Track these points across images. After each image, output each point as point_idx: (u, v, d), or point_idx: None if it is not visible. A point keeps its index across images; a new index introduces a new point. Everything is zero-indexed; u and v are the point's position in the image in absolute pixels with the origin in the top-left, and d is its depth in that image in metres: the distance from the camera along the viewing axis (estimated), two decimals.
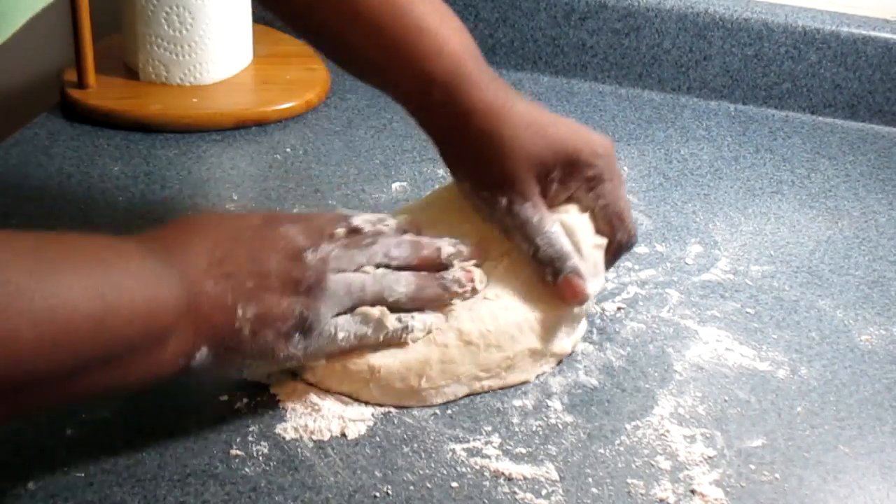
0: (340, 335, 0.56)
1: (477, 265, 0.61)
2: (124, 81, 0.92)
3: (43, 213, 0.73)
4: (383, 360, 0.57)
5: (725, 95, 1.03)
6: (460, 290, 0.60)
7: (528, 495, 0.53)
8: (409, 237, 0.60)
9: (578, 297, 0.61)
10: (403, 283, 0.58)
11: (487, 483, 0.53)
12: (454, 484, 0.53)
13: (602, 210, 0.64)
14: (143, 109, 0.87)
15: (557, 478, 0.54)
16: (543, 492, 0.53)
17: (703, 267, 0.75)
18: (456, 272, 0.60)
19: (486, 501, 0.52)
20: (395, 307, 0.58)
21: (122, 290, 0.48)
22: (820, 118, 1.02)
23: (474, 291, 0.60)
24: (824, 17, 1.00)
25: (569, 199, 0.64)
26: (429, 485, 0.53)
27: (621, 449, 0.57)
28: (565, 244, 0.62)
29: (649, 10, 1.00)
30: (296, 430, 0.56)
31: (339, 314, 0.56)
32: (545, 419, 0.58)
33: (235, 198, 0.77)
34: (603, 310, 0.68)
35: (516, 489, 0.53)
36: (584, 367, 0.63)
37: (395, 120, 0.91)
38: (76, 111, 0.87)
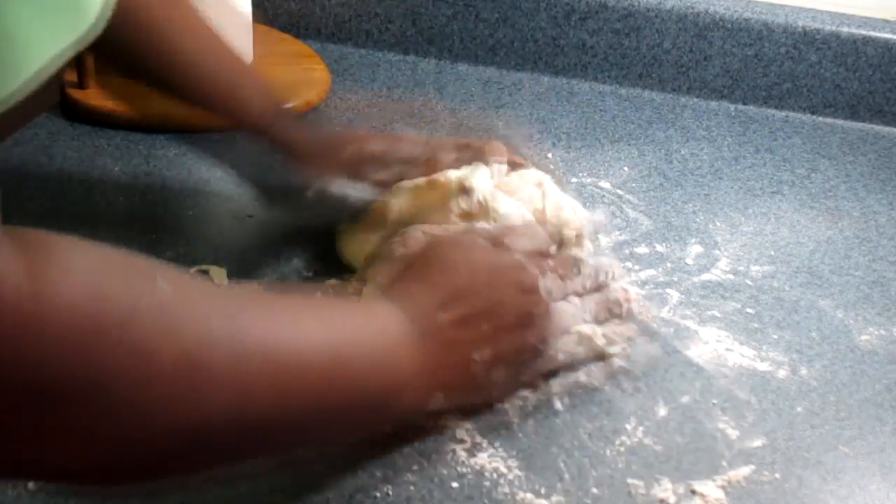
0: (561, 356, 0.60)
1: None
2: (124, 81, 0.91)
3: (43, 213, 0.73)
4: None
5: (726, 96, 1.03)
6: (620, 311, 0.64)
7: (528, 495, 0.53)
8: (590, 269, 0.63)
9: None
10: (590, 311, 0.62)
11: (488, 483, 0.53)
12: (454, 484, 0.53)
13: None
14: (144, 110, 0.87)
15: (557, 478, 0.54)
16: (543, 492, 0.53)
17: (704, 267, 0.75)
18: (618, 293, 0.64)
19: (486, 501, 0.52)
20: None
21: (358, 345, 0.48)
22: (820, 118, 1.02)
23: (629, 311, 0.65)
24: (824, 18, 1.00)
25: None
26: (429, 485, 0.53)
27: (621, 449, 0.57)
28: None
29: (649, 10, 1.00)
30: None
31: None
32: (545, 419, 0.58)
33: (236, 198, 0.77)
34: None
35: (516, 489, 0.53)
36: (585, 367, 0.63)
37: (395, 120, 0.91)
38: (76, 111, 0.87)
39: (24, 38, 0.43)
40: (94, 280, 0.36)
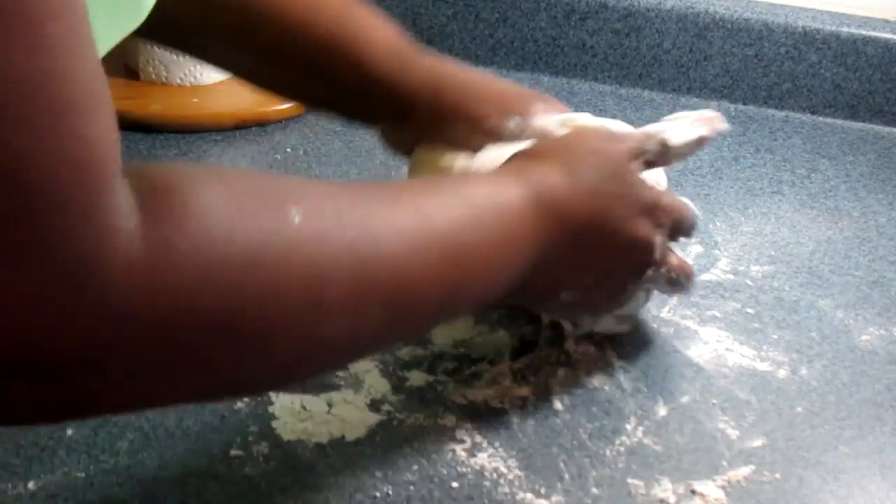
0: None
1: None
2: (124, 81, 0.92)
3: None
4: None
5: (725, 95, 1.03)
6: None
7: (528, 495, 0.53)
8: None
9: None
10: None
11: (488, 483, 0.53)
12: (454, 484, 0.53)
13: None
14: (144, 109, 0.87)
15: (557, 478, 0.54)
16: (543, 491, 0.53)
17: (704, 267, 0.75)
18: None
19: (486, 501, 0.52)
20: None
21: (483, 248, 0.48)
22: (820, 118, 1.02)
23: None
24: (824, 18, 1.00)
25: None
26: (429, 485, 0.53)
27: (621, 449, 0.57)
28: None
29: (649, 10, 1.00)
30: (295, 430, 0.56)
31: None
32: (545, 419, 0.58)
33: None
34: None
35: (516, 489, 0.53)
36: (584, 367, 0.63)
37: None
38: None
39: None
40: (222, 219, 0.36)
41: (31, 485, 0.51)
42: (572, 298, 0.57)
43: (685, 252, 0.76)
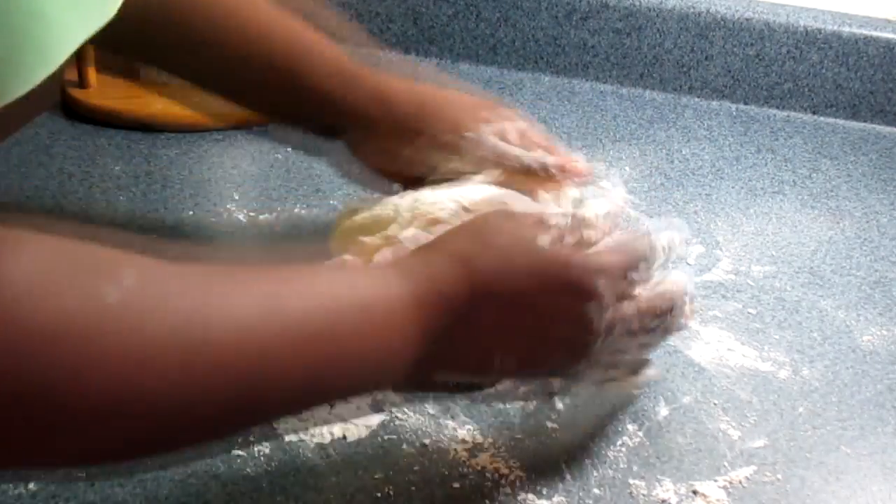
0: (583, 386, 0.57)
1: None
2: (125, 81, 0.92)
3: (43, 213, 0.73)
4: None
5: (727, 95, 1.03)
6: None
7: (529, 495, 0.53)
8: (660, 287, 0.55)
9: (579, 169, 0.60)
10: (644, 346, 0.55)
11: (489, 483, 0.53)
12: (455, 484, 0.53)
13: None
14: (145, 109, 0.87)
15: (559, 478, 0.54)
16: (544, 492, 0.53)
17: (705, 267, 0.75)
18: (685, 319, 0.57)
19: (487, 502, 0.52)
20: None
21: (336, 318, 0.44)
22: (821, 118, 1.02)
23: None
24: (826, 18, 1.00)
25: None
26: (430, 485, 0.53)
27: (623, 449, 0.57)
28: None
29: (651, 9, 1.00)
30: (297, 431, 0.55)
31: None
32: (546, 419, 0.58)
33: (237, 197, 0.77)
34: None
35: (517, 489, 0.53)
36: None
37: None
38: (77, 111, 0.87)
39: (60, 25, 0.43)
40: (35, 282, 0.34)
41: (31, 485, 0.51)
42: (511, 364, 0.50)
43: (687, 253, 0.76)
